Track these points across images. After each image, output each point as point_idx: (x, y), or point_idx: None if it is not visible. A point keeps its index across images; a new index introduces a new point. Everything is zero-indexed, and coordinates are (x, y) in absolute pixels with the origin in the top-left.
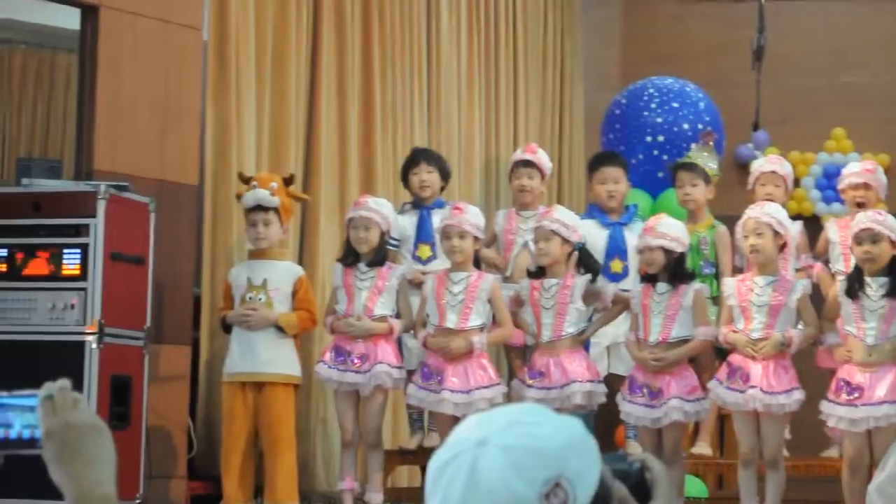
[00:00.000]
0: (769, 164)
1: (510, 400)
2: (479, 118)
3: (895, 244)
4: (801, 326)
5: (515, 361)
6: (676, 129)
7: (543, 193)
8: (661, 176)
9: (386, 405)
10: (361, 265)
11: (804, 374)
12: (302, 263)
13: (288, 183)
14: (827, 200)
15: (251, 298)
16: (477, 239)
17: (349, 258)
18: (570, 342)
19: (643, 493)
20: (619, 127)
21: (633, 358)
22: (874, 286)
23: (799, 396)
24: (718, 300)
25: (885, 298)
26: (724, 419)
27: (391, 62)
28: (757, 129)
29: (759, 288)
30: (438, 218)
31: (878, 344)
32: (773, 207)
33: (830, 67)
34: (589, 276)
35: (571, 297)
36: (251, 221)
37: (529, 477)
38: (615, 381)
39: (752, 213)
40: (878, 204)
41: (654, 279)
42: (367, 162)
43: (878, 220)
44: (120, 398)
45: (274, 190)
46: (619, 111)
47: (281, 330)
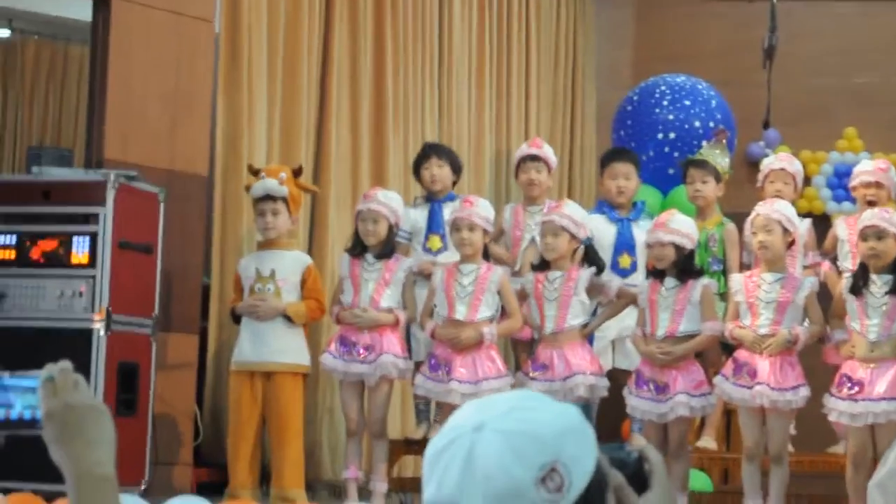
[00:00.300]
0: (779, 161)
1: None
2: (489, 113)
3: None
4: (807, 324)
5: (522, 355)
6: (688, 126)
7: (550, 187)
8: (671, 172)
9: (391, 396)
10: (369, 256)
11: (810, 370)
12: (311, 254)
13: (297, 174)
14: (838, 200)
15: (260, 289)
16: (486, 232)
17: (357, 249)
18: (573, 335)
19: (640, 482)
20: (630, 123)
21: (639, 352)
22: (878, 283)
23: (805, 393)
24: (726, 296)
25: (888, 295)
26: (730, 414)
27: (403, 56)
28: (767, 127)
29: (766, 284)
30: (449, 210)
31: (880, 340)
32: (782, 204)
33: (842, 67)
34: (593, 269)
35: (575, 289)
36: (260, 211)
37: (526, 462)
38: (619, 375)
39: (761, 209)
40: (888, 203)
41: (661, 275)
42: (378, 155)
43: (884, 217)
44: (127, 385)
45: (283, 180)
46: (630, 108)
47: (289, 319)
